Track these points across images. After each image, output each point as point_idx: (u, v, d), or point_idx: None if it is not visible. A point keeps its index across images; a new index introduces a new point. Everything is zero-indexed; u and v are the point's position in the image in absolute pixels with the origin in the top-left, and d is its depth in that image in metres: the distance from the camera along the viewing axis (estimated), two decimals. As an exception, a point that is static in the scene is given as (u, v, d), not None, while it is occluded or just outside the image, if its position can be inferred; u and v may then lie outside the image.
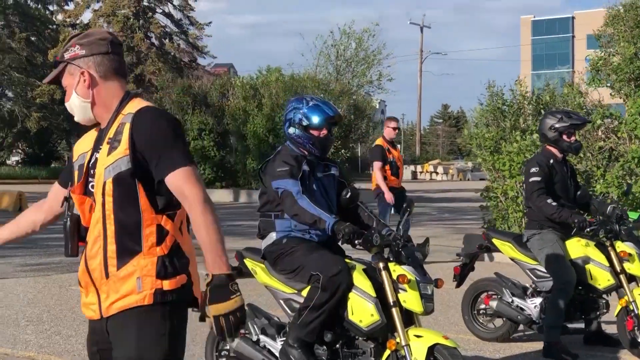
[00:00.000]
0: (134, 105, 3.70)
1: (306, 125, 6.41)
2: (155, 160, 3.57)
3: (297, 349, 6.09)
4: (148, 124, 3.59)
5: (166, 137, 3.58)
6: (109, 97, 3.75)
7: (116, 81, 3.76)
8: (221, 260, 3.53)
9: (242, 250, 6.84)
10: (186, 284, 3.72)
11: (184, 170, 3.54)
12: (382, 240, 5.99)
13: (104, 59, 3.73)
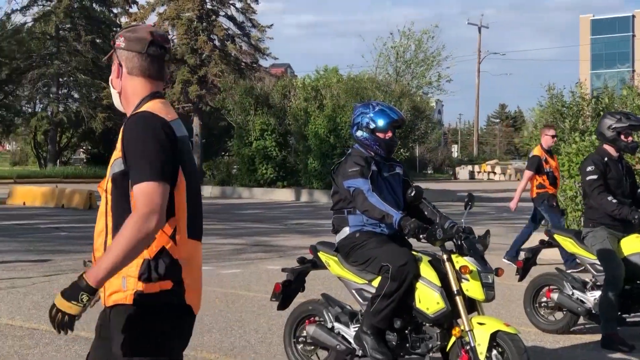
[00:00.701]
0: (143, 106, 3.80)
1: (373, 129, 6.93)
2: (130, 168, 3.64)
3: (370, 335, 6.61)
4: (128, 131, 3.67)
5: (137, 146, 3.62)
6: (130, 92, 3.87)
7: (141, 79, 3.85)
8: (98, 271, 3.50)
9: (316, 244, 7.36)
10: (171, 290, 3.69)
11: (145, 185, 3.54)
12: (445, 234, 6.48)
13: (135, 56, 3.83)
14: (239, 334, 8.83)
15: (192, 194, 3.80)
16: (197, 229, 3.85)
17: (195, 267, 3.81)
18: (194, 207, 3.82)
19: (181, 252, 3.72)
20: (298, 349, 7.31)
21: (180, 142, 3.74)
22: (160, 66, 3.90)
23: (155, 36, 3.87)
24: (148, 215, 3.49)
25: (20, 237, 18.03)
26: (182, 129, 3.84)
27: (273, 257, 15.35)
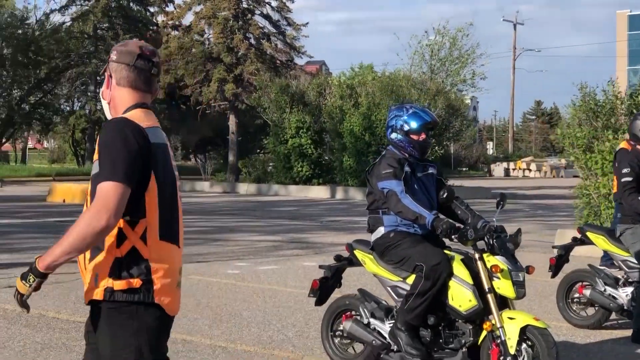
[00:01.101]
0: (124, 114, 3.98)
1: (407, 131, 7.17)
2: (99, 168, 3.81)
3: (405, 331, 6.87)
4: (102, 134, 3.86)
5: (106, 148, 3.81)
6: (118, 102, 4.05)
7: (129, 90, 4.03)
8: (47, 257, 3.73)
9: (353, 242, 7.63)
10: (139, 288, 3.82)
11: (104, 184, 3.71)
12: (476, 234, 6.73)
13: (124, 68, 4.02)
14: (277, 328, 9.10)
15: (165, 197, 3.92)
16: (172, 233, 3.96)
17: (169, 269, 3.91)
18: (167, 211, 3.95)
19: (151, 252, 3.85)
20: (335, 342, 7.58)
21: (154, 148, 3.88)
22: (147, 78, 4.08)
23: (144, 50, 4.06)
24: (100, 213, 3.67)
25: (60, 235, 18.43)
26: (159, 136, 3.98)
27: (309, 254, 15.64)
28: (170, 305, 3.93)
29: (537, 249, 15.27)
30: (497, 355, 6.54)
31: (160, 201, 3.89)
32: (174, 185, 4.04)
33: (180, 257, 4.04)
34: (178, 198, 4.07)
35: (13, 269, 12.96)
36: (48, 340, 8.37)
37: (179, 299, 4.02)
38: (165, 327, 4.01)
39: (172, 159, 4.13)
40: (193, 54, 44.86)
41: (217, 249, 16.04)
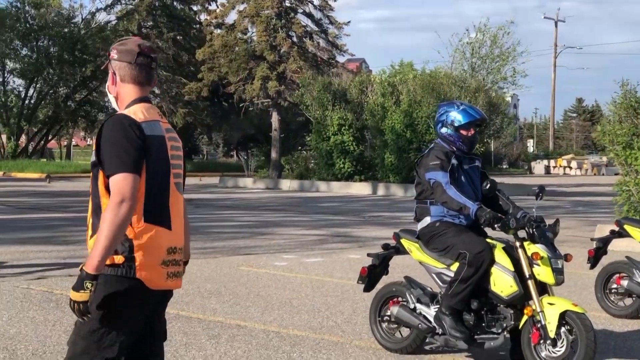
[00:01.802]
0: (126, 110, 4.39)
1: (457, 126, 7.58)
2: (104, 162, 4.22)
3: (449, 315, 7.29)
4: (104, 130, 4.27)
5: (109, 143, 4.22)
6: (123, 96, 4.47)
7: (132, 85, 4.45)
8: (93, 260, 4.11)
9: (399, 231, 8.06)
10: (122, 264, 4.22)
11: (114, 178, 4.14)
12: (517, 223, 7.14)
13: (126, 66, 4.43)
14: (325, 315, 9.53)
15: (153, 185, 4.32)
16: (160, 216, 4.35)
17: (152, 248, 4.29)
18: (156, 197, 4.34)
19: (136, 233, 4.25)
20: (383, 327, 8.00)
21: (149, 140, 4.28)
22: (147, 73, 4.50)
23: (143, 48, 4.48)
24: (120, 203, 4.09)
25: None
26: (155, 129, 4.37)
27: (353, 247, 16.06)
28: (150, 280, 4.30)
29: (577, 243, 15.57)
30: (537, 338, 6.94)
31: (147, 188, 4.30)
32: (167, 174, 4.42)
33: (173, 237, 4.41)
34: (172, 185, 4.44)
35: (70, 259, 13.53)
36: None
37: (164, 277, 4.36)
38: (142, 303, 4.37)
39: (173, 149, 4.50)
40: (236, 52, 45.31)
41: (264, 242, 16.50)
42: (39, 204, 26.66)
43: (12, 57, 60.00)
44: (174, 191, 4.45)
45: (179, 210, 4.49)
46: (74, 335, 4.38)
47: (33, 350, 7.64)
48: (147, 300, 4.37)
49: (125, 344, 4.34)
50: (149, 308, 4.44)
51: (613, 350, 8.12)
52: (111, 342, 4.29)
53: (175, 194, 4.45)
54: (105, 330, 4.27)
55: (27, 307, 9.58)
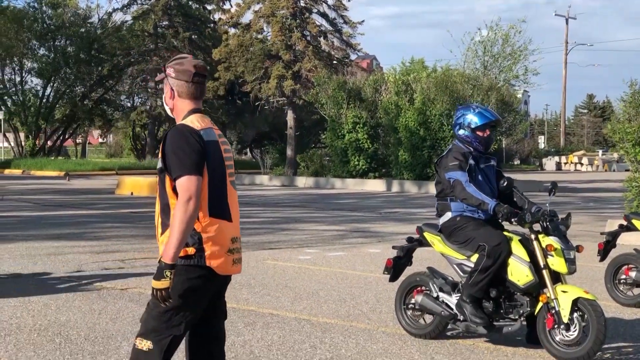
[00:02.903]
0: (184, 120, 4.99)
1: (473, 128, 8.21)
2: (170, 166, 4.82)
3: (469, 303, 7.91)
4: (168, 139, 4.86)
5: (173, 150, 4.81)
6: (179, 109, 5.06)
7: (187, 100, 5.04)
8: (169, 251, 4.69)
9: (422, 225, 8.70)
10: (194, 254, 4.82)
11: (180, 180, 4.74)
12: (533, 217, 7.76)
13: (183, 84, 5.02)
14: (351, 305, 10.15)
15: (214, 183, 4.89)
16: (221, 210, 4.92)
17: (218, 239, 4.87)
18: (217, 194, 4.91)
19: (203, 227, 4.84)
20: (407, 314, 8.62)
21: (207, 145, 4.87)
22: (201, 89, 5.09)
23: (198, 68, 5.06)
24: (187, 203, 4.69)
25: (140, 224, 19.65)
26: (211, 135, 4.96)
27: (372, 242, 16.68)
28: (219, 267, 4.89)
29: (588, 237, 16.10)
30: (552, 323, 7.55)
31: (210, 187, 4.88)
32: (224, 174, 5.01)
33: (233, 228, 5.00)
34: (228, 183, 5.03)
35: (103, 254, 14.19)
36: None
37: (231, 263, 4.95)
38: (209, 287, 4.95)
39: (225, 152, 5.08)
40: (252, 51, 45.93)
41: (286, 237, 17.12)
42: (64, 201, 27.32)
43: (29, 56, 60.91)
44: (230, 188, 5.07)
45: (235, 204, 5.12)
46: (146, 314, 4.97)
47: (85, 335, 8.29)
48: (214, 284, 4.99)
49: (190, 322, 4.95)
50: (214, 291, 5.07)
51: (622, 336, 8.70)
52: (179, 322, 4.89)
53: (231, 190, 5.08)
54: (174, 311, 4.87)
55: (72, 298, 10.24)
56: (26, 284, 11.19)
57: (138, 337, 4.94)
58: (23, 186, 36.52)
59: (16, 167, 52.88)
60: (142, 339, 4.91)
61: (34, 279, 11.61)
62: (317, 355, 7.72)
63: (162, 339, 4.87)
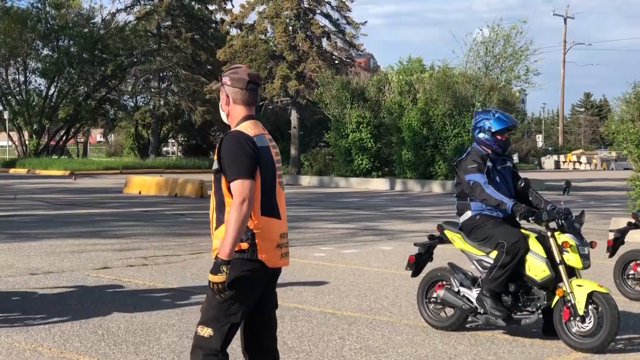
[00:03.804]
0: (239, 126, 5.39)
1: (493, 132, 8.69)
2: (225, 170, 5.23)
3: (490, 297, 8.40)
4: (224, 144, 5.27)
5: (229, 155, 5.21)
6: (234, 115, 5.46)
7: (242, 106, 5.45)
8: (225, 248, 5.10)
9: (443, 223, 9.18)
10: (247, 249, 5.22)
11: (234, 183, 5.15)
12: (549, 216, 8.25)
13: (238, 91, 5.43)
14: (372, 299, 10.62)
15: (266, 185, 5.30)
16: (271, 209, 5.33)
17: (269, 235, 5.29)
18: (267, 194, 5.32)
19: (255, 224, 5.24)
20: (429, 307, 9.09)
21: (259, 150, 5.26)
22: (254, 96, 5.49)
23: (252, 77, 5.46)
24: (241, 203, 5.08)
25: (154, 222, 20.13)
26: (263, 141, 5.35)
27: (383, 240, 17.14)
28: (269, 260, 5.29)
29: (593, 235, 16.52)
30: (568, 316, 8.04)
31: (262, 188, 5.29)
32: (274, 175, 5.42)
33: (282, 225, 5.40)
34: (277, 184, 5.44)
35: (125, 252, 14.65)
36: (186, 304, 10.03)
37: (279, 256, 5.36)
38: (261, 279, 5.34)
39: (275, 155, 5.49)
40: (257, 52, 46.34)
41: (298, 235, 17.55)
42: (75, 200, 27.79)
43: (33, 56, 61.38)
44: (278, 188, 5.51)
45: (282, 203, 5.55)
46: (206, 304, 5.40)
47: (125, 327, 8.76)
48: (265, 276, 5.42)
49: (246, 311, 5.40)
50: (266, 283, 5.52)
51: (633, 327, 9.18)
52: (236, 311, 5.33)
53: (279, 191, 5.52)
54: (231, 301, 5.31)
55: (105, 293, 10.71)
56: (59, 279, 11.68)
57: (199, 325, 5.35)
58: (31, 185, 37.00)
59: (21, 166, 53.41)
60: (203, 327, 5.33)
61: (64, 275, 12.07)
62: (346, 346, 8.18)
63: (222, 327, 5.29)
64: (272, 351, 5.66)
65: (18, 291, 10.80)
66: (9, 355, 7.67)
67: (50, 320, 9.07)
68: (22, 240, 16.00)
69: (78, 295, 10.52)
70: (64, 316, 9.27)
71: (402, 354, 7.93)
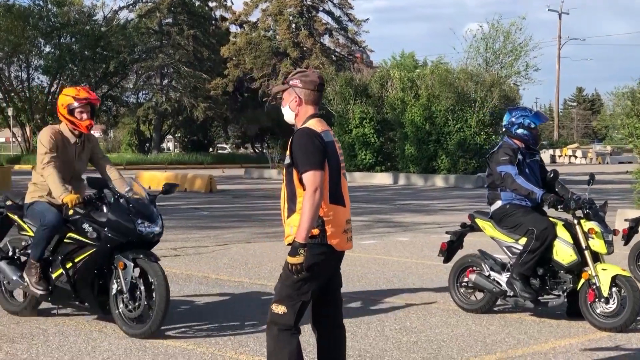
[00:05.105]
0: (307, 123, 5.81)
1: (532, 128, 9.31)
2: (297, 163, 5.68)
3: (519, 280, 9.01)
4: (296, 139, 5.71)
5: (300, 149, 5.66)
6: (302, 114, 5.89)
7: (310, 107, 5.90)
8: (301, 233, 5.56)
9: (474, 212, 9.79)
10: (319, 234, 5.64)
11: (306, 174, 5.62)
12: (576, 205, 8.89)
13: (309, 93, 5.88)
14: (399, 286, 11.22)
15: (332, 176, 5.74)
16: (338, 198, 5.78)
17: (336, 222, 5.73)
18: (334, 185, 5.76)
19: (325, 212, 5.69)
20: (460, 291, 9.71)
21: (326, 144, 5.73)
22: (321, 97, 5.97)
23: (321, 79, 5.96)
24: (314, 192, 5.54)
25: (173, 216, 20.66)
26: (329, 136, 5.82)
27: (399, 231, 17.75)
28: (338, 244, 5.77)
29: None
30: (593, 297, 8.67)
31: (330, 179, 5.75)
32: (339, 167, 5.88)
33: (346, 212, 5.86)
34: (342, 175, 5.89)
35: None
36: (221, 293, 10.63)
37: (346, 240, 5.85)
38: (330, 261, 5.82)
39: (339, 149, 6.05)
40: (261, 49, 46.86)
41: (315, 227, 18.11)
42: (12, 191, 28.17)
43: (35, 54, 61.81)
44: (343, 179, 6.04)
45: (346, 192, 6.07)
46: (280, 284, 5.92)
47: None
48: (334, 259, 5.96)
49: (316, 291, 5.94)
50: (334, 264, 6.07)
51: (650, 310, 9.81)
52: (307, 290, 5.85)
53: (344, 181, 6.05)
54: (303, 281, 5.82)
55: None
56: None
57: (274, 303, 5.86)
58: (40, 181, 37.32)
59: (26, 162, 53.82)
60: (277, 305, 5.84)
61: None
62: (386, 327, 8.79)
63: (295, 304, 5.81)
64: (339, 327, 6.18)
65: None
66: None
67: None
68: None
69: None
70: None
71: (439, 334, 8.53)
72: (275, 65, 46.63)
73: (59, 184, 8.39)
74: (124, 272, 8.19)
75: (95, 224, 8.31)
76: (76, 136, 8.83)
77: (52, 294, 8.70)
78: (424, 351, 7.84)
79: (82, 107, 8.72)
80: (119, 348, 7.84)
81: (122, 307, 8.26)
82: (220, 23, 58.60)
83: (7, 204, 9.25)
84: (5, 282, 9.25)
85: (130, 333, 8.17)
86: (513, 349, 7.98)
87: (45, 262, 8.68)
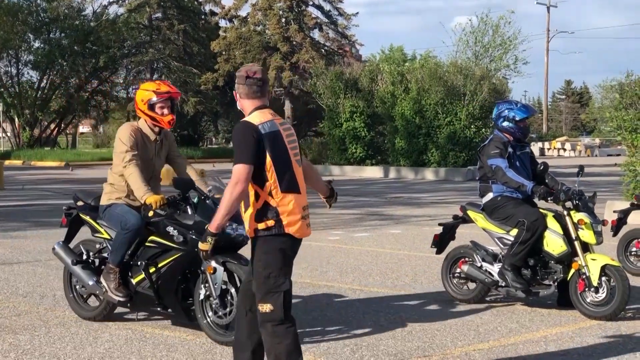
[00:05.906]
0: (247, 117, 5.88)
1: (517, 120, 9.48)
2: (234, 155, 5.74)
3: (511, 271, 9.19)
4: (233, 133, 5.89)
5: (233, 144, 5.84)
6: (247, 108, 5.95)
7: (250, 100, 5.95)
8: (214, 222, 5.80)
9: (466, 204, 9.97)
10: (274, 225, 5.74)
11: (234, 167, 5.69)
12: (566, 196, 9.08)
13: (242, 87, 5.94)
14: (393, 277, 11.41)
15: (280, 165, 5.78)
16: (290, 185, 5.81)
17: (292, 209, 5.78)
18: (284, 173, 5.79)
19: (277, 201, 5.76)
20: (453, 282, 9.89)
21: (264, 137, 5.75)
22: (257, 88, 5.94)
23: (248, 72, 5.91)
24: (235, 185, 5.65)
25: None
26: (274, 126, 5.85)
27: (390, 224, 17.92)
28: (297, 232, 5.83)
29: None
30: (583, 287, 8.86)
31: (276, 168, 5.78)
32: (287, 155, 5.88)
33: (302, 198, 5.88)
34: (293, 162, 5.90)
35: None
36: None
37: (305, 227, 5.89)
38: (294, 248, 5.89)
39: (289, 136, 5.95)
40: (251, 43, 47.00)
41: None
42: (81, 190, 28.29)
43: (25, 49, 61.81)
44: (295, 165, 6.02)
45: (301, 179, 6.06)
46: (256, 283, 5.97)
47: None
48: (295, 246, 5.97)
49: (289, 277, 5.99)
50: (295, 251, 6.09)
51: (638, 300, 10.01)
52: (283, 279, 5.90)
53: (297, 167, 6.02)
54: (275, 273, 5.89)
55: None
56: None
57: (259, 304, 5.91)
58: (31, 176, 37.46)
59: (16, 158, 53.84)
60: (262, 304, 5.90)
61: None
62: (381, 317, 8.96)
63: (277, 297, 5.86)
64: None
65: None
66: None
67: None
68: (48, 228, 16.66)
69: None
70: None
71: (434, 323, 8.71)
72: (265, 59, 46.79)
73: (141, 183, 7.95)
74: (214, 277, 7.70)
75: (181, 227, 7.88)
76: (156, 133, 8.45)
77: (132, 300, 8.31)
78: (418, 340, 8.01)
79: (163, 102, 8.31)
80: (120, 338, 8.00)
81: (211, 314, 7.82)
82: (210, 18, 58.66)
83: (79, 204, 8.93)
84: (80, 286, 8.88)
85: (219, 340, 7.75)
86: (505, 337, 8.18)
87: (123, 267, 8.26)
